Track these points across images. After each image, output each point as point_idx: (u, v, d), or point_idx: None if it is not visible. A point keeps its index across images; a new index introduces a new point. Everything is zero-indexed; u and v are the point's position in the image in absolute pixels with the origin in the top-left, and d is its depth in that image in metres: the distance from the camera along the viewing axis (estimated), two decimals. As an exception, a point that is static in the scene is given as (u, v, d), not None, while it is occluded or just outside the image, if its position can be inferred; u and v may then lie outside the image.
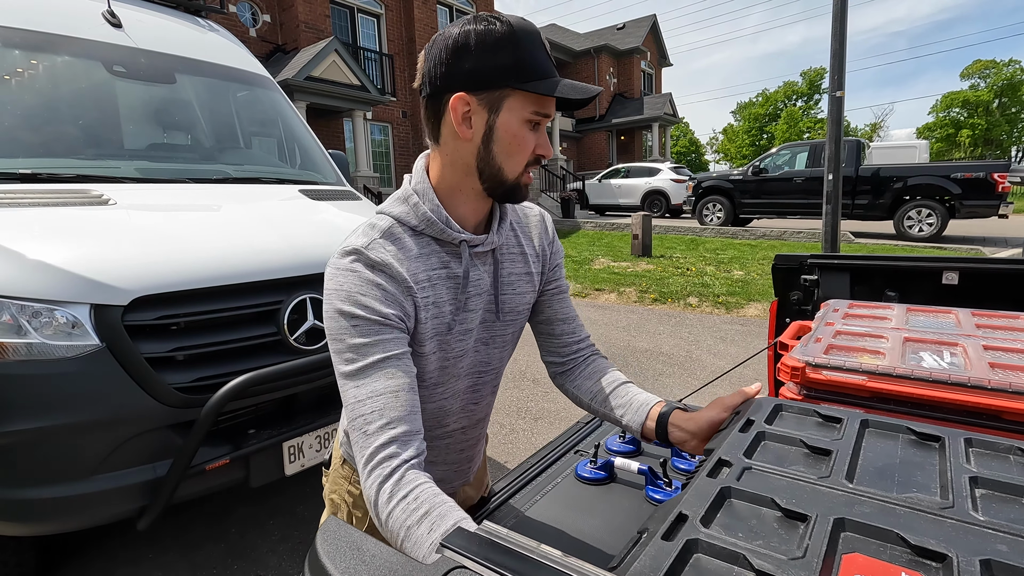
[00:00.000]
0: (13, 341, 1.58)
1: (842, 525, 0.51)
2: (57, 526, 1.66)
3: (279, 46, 13.50)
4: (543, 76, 0.79)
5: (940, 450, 0.64)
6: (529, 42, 0.78)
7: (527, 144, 0.82)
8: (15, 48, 2.37)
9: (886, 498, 0.54)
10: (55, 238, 1.75)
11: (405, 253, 0.83)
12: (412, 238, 0.84)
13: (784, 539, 0.49)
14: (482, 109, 0.79)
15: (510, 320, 0.97)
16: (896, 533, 0.49)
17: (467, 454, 1.10)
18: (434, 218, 0.84)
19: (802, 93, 49.02)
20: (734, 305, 6.48)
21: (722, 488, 0.55)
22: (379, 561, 0.35)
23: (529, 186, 0.87)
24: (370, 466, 0.73)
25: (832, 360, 0.94)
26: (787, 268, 1.88)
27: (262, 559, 2.24)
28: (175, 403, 1.71)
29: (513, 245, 0.97)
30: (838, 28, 6.50)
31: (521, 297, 0.98)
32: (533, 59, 0.78)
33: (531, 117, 0.80)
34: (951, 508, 0.53)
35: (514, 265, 0.97)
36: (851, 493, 0.56)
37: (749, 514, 0.53)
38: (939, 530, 0.49)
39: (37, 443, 1.57)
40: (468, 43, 0.76)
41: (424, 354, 0.86)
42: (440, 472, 1.07)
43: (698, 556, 0.47)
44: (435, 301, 0.84)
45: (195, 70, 2.95)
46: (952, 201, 9.44)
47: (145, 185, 2.30)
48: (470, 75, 0.77)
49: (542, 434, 3.41)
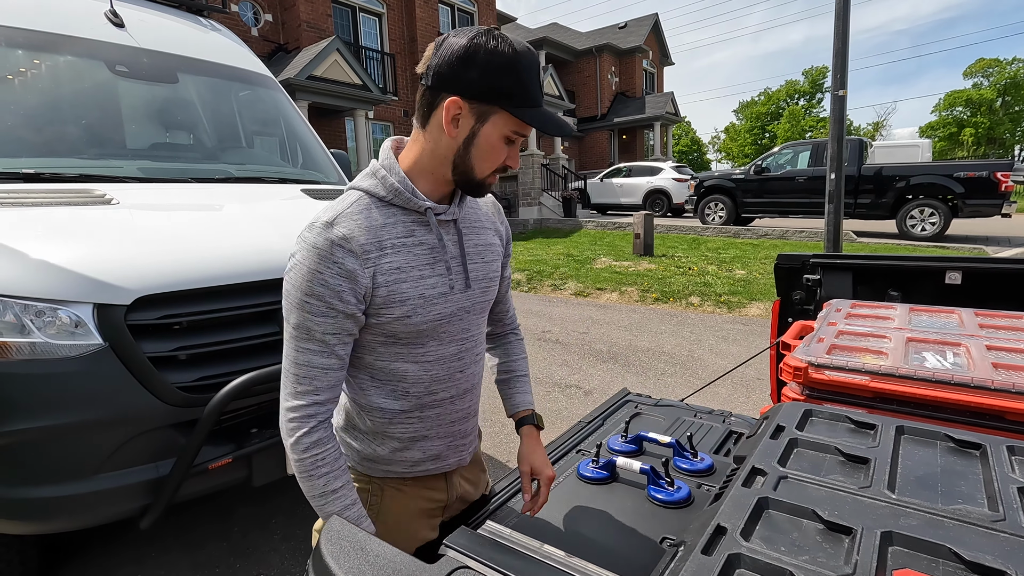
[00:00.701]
0: (17, 340, 1.58)
1: (890, 539, 0.49)
2: (61, 525, 1.67)
3: (281, 45, 13.50)
4: (531, 105, 0.89)
5: (982, 458, 0.62)
6: (528, 72, 0.88)
7: (500, 155, 0.93)
8: (18, 48, 2.38)
9: (932, 510, 0.52)
10: (58, 238, 1.76)
11: (371, 222, 0.92)
12: (379, 209, 0.94)
13: (830, 554, 0.47)
14: (471, 116, 0.89)
15: (483, 288, 1.06)
16: (948, 548, 0.47)
17: (459, 427, 1.13)
18: (400, 188, 0.94)
19: (804, 92, 48.88)
20: (736, 305, 6.47)
21: (759, 499, 0.54)
22: (383, 561, 0.35)
23: (491, 186, 0.98)
24: (292, 415, 0.92)
25: (835, 360, 0.94)
26: (789, 268, 1.88)
27: (264, 558, 2.25)
28: (178, 402, 1.71)
29: (475, 220, 1.08)
30: (840, 27, 6.48)
31: (490, 266, 1.08)
32: (527, 88, 0.88)
33: (510, 135, 0.92)
34: (1003, 521, 0.50)
35: (480, 237, 1.07)
36: (895, 504, 0.54)
37: (790, 526, 0.51)
38: (993, 545, 0.47)
39: (41, 442, 1.58)
40: (476, 56, 0.85)
41: (398, 316, 0.94)
42: (436, 447, 1.10)
43: (741, 572, 0.45)
44: (400, 266, 0.93)
45: (197, 70, 2.95)
46: (955, 200, 9.42)
47: (148, 185, 2.30)
48: (470, 85, 0.86)
49: (544, 434, 3.41)
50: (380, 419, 1.04)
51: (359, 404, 1.05)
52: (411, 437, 1.06)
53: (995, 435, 0.67)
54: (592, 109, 24.62)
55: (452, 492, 1.18)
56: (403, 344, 0.99)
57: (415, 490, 1.12)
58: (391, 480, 1.10)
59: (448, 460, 1.13)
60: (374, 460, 1.09)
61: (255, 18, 13.34)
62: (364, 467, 1.10)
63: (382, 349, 0.99)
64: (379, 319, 0.94)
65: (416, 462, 1.09)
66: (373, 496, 1.10)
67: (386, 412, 1.03)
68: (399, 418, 1.04)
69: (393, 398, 1.02)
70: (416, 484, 1.12)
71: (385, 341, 0.98)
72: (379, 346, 0.99)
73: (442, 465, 1.13)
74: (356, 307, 0.91)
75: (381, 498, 1.11)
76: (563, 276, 8.35)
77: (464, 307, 1.03)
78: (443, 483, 1.16)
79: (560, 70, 22.24)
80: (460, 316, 1.03)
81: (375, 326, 0.96)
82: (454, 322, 1.02)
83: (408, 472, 1.10)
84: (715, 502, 0.55)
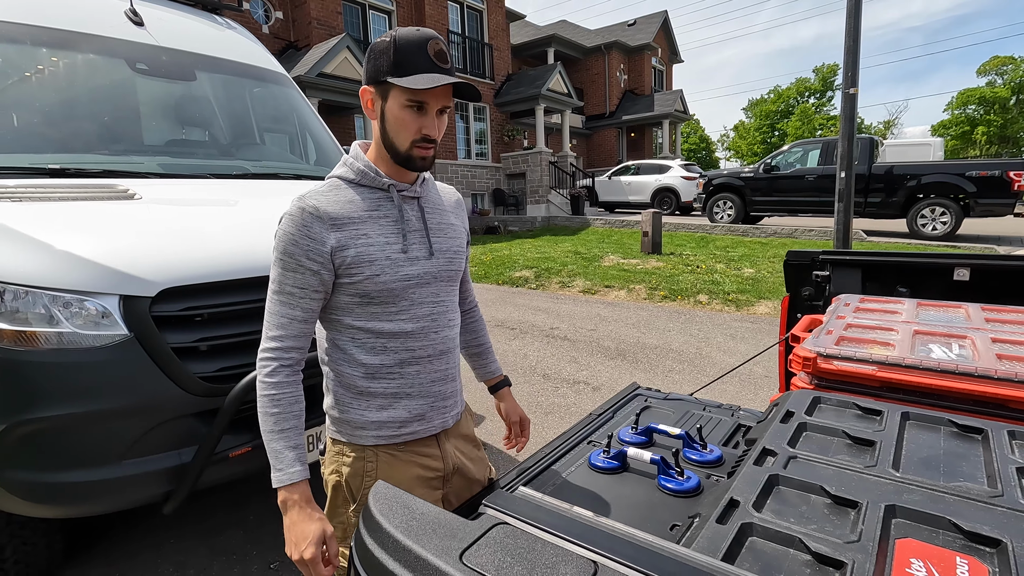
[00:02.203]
0: (45, 330, 1.64)
1: (893, 512, 0.52)
2: (88, 509, 1.72)
3: (291, 43, 13.58)
4: (415, 72, 1.03)
5: (983, 442, 0.65)
6: (406, 47, 1.04)
7: (411, 124, 1.07)
8: (42, 46, 2.44)
9: (934, 486, 0.55)
10: (84, 231, 1.81)
11: (339, 198, 1.10)
12: (348, 188, 1.12)
13: (837, 525, 0.50)
14: (377, 98, 1.09)
15: (447, 259, 1.20)
16: (948, 519, 0.50)
17: (439, 388, 1.22)
18: (366, 170, 1.12)
19: (815, 90, 48.50)
20: (744, 303, 6.47)
21: (770, 476, 0.57)
22: (428, 519, 0.39)
23: (427, 159, 1.11)
24: (262, 355, 1.09)
25: (843, 351, 0.97)
26: (799, 264, 1.90)
27: (279, 547, 2.30)
28: (199, 392, 1.76)
29: (438, 203, 1.25)
30: (852, 25, 6.45)
31: (453, 241, 1.23)
32: (407, 60, 1.03)
33: (407, 103, 1.05)
34: (1001, 497, 0.53)
35: (443, 216, 1.23)
36: (899, 482, 0.57)
37: (799, 501, 0.55)
38: (990, 517, 0.50)
39: (68, 429, 1.63)
40: (371, 50, 1.07)
41: (368, 275, 1.08)
42: (419, 406, 1.19)
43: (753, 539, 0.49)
44: (366, 233, 1.09)
45: (215, 67, 3.00)
46: (967, 199, 9.34)
47: (168, 180, 2.36)
48: (369, 73, 1.08)
49: (553, 427, 3.44)
50: (363, 376, 1.15)
51: (343, 364, 1.16)
52: (393, 393, 1.16)
53: (997, 421, 0.70)
54: (600, 107, 24.57)
55: (448, 461, 1.26)
56: (377, 304, 1.12)
57: (409, 456, 1.20)
58: (383, 447, 1.18)
59: (433, 422, 1.22)
60: (363, 427, 1.17)
61: (266, 15, 13.43)
62: (356, 437, 1.18)
63: (359, 310, 1.12)
64: (352, 279, 1.09)
65: (403, 422, 1.18)
66: (368, 463, 1.18)
67: (368, 367, 1.14)
68: (380, 372, 1.15)
69: (373, 353, 1.14)
70: (408, 451, 1.20)
71: (361, 302, 1.12)
72: (356, 307, 1.12)
73: (428, 427, 1.21)
74: (321, 266, 1.07)
75: (376, 464, 1.18)
76: (571, 274, 8.37)
77: (431, 272, 1.16)
78: (436, 450, 1.24)
79: (568, 68, 22.21)
80: (428, 281, 1.16)
81: (349, 286, 1.10)
82: (422, 285, 1.16)
83: (397, 435, 1.18)
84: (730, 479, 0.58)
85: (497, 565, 0.36)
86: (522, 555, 0.37)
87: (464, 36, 17.30)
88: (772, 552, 0.48)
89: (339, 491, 1.21)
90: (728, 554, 0.46)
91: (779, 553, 0.47)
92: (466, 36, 17.36)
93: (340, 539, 1.23)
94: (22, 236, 1.71)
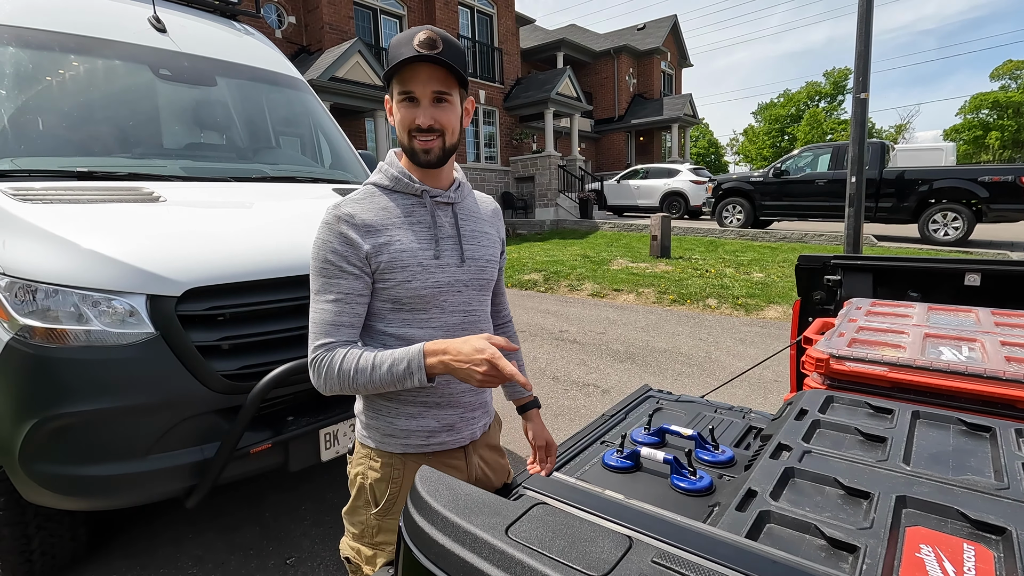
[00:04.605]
0: (74, 328, 1.69)
1: (904, 502, 0.55)
2: (114, 502, 1.77)
3: (303, 47, 13.72)
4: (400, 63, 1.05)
5: (991, 439, 0.68)
6: (396, 44, 1.07)
7: (404, 117, 1.10)
8: (70, 52, 2.51)
9: (943, 479, 0.58)
10: (113, 233, 1.86)
11: (373, 205, 1.13)
12: (383, 195, 1.15)
13: (850, 513, 0.54)
14: (389, 100, 1.13)
15: (478, 267, 1.20)
16: (956, 509, 0.53)
17: (469, 399, 1.22)
18: (400, 176, 1.14)
19: (825, 94, 48.23)
20: (754, 307, 6.46)
21: (786, 468, 0.61)
22: (472, 499, 0.42)
23: (430, 151, 1.11)
24: (313, 358, 1.09)
25: (855, 352, 1.00)
26: (810, 268, 1.92)
27: (295, 542, 2.34)
28: (222, 389, 1.81)
29: (475, 211, 1.25)
30: (863, 29, 6.45)
31: (486, 249, 1.23)
32: (396, 55, 1.05)
33: (399, 96, 1.09)
34: (1007, 489, 0.56)
35: (477, 224, 1.23)
36: (909, 475, 0.60)
37: (813, 491, 0.58)
38: (997, 508, 0.53)
39: (96, 423, 1.68)
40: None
41: (399, 280, 1.10)
42: (449, 417, 1.20)
43: (771, 526, 0.52)
44: (400, 239, 1.11)
45: (234, 73, 3.07)
46: (979, 205, 9.28)
47: (190, 183, 2.41)
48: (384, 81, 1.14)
49: (563, 429, 3.47)
50: None
51: None
52: (423, 402, 1.17)
53: (1005, 420, 0.73)
54: (609, 110, 24.60)
55: (472, 473, 1.27)
56: (409, 311, 1.13)
57: (436, 464, 1.20)
58: (412, 455, 1.19)
59: (462, 433, 1.23)
60: (392, 435, 1.18)
61: (279, 20, 13.58)
62: (384, 443, 1.19)
63: (391, 316, 1.13)
64: (386, 284, 1.10)
65: (431, 432, 1.18)
66: (395, 470, 1.19)
67: None
68: None
69: None
70: (435, 460, 1.21)
71: (393, 308, 1.13)
72: (388, 313, 1.13)
73: (457, 438, 1.22)
74: (360, 270, 1.09)
75: (404, 471, 1.20)
76: (580, 277, 8.39)
77: (461, 280, 1.17)
78: (462, 461, 1.25)
79: (578, 72, 22.25)
80: (459, 288, 1.17)
81: (382, 291, 1.11)
82: (453, 293, 1.16)
83: (425, 444, 1.19)
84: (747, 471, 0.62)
85: (540, 539, 0.39)
86: (562, 531, 0.40)
87: (474, 40, 17.41)
88: (789, 537, 0.51)
89: (362, 493, 1.23)
90: (748, 537, 0.49)
91: (795, 538, 0.51)
92: (476, 40, 17.46)
93: (357, 537, 1.25)
94: (53, 237, 1.77)
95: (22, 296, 1.68)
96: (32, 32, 2.44)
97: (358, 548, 1.25)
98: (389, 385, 1.06)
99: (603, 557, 0.38)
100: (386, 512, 1.20)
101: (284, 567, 2.19)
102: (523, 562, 0.36)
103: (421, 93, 1.08)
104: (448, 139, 1.13)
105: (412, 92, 1.08)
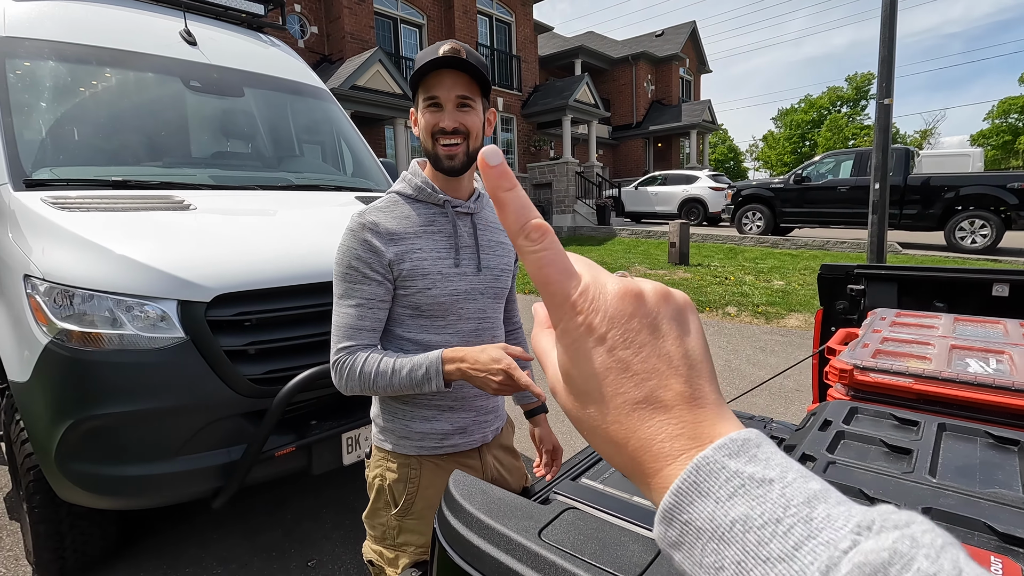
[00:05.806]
0: (108, 332, 1.75)
1: (929, 514, 0.54)
2: (144, 501, 1.82)
3: (325, 56, 13.97)
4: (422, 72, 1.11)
5: (1020, 453, 0.68)
6: (422, 57, 1.11)
7: (428, 121, 1.14)
8: (105, 66, 2.60)
9: (970, 492, 0.58)
10: (146, 240, 1.93)
11: (396, 214, 1.16)
12: (406, 204, 1.18)
13: None
14: (415, 111, 1.18)
15: (494, 276, 1.24)
16: (983, 522, 0.52)
17: (482, 403, 1.26)
18: (423, 186, 1.18)
19: (848, 99, 47.56)
20: (774, 315, 6.39)
21: None
22: (505, 503, 0.44)
23: (453, 157, 1.15)
24: (333, 360, 1.14)
25: (880, 363, 0.99)
26: (833, 278, 1.91)
27: (317, 544, 2.38)
28: (249, 393, 1.85)
29: (493, 221, 1.29)
30: (887, 34, 6.37)
31: (501, 259, 1.26)
32: (421, 66, 1.10)
33: (424, 104, 1.14)
34: None
35: (494, 234, 1.27)
36: (935, 487, 0.59)
37: None
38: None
39: (129, 425, 1.73)
40: None
41: (420, 288, 1.14)
42: (462, 420, 1.23)
43: None
44: (421, 247, 1.14)
45: (261, 84, 3.15)
46: (1008, 212, 9.06)
47: (219, 192, 2.48)
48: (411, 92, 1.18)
49: (572, 435, 3.46)
50: None
51: None
52: (437, 406, 1.20)
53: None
54: (627, 117, 24.56)
55: (487, 472, 1.30)
56: (427, 317, 1.17)
57: (450, 465, 1.24)
58: (427, 457, 1.23)
59: (474, 435, 1.27)
60: (407, 437, 1.21)
61: (301, 31, 13.85)
62: (400, 445, 1.23)
63: (410, 322, 1.17)
64: (407, 290, 1.14)
65: (445, 434, 1.22)
66: (412, 471, 1.22)
67: None
68: None
69: None
70: (450, 461, 1.25)
71: (412, 314, 1.17)
72: (407, 319, 1.17)
73: (470, 440, 1.26)
74: (383, 277, 1.12)
75: (420, 472, 1.23)
76: (598, 284, 8.36)
77: (478, 288, 1.21)
78: (477, 461, 1.29)
79: (596, 78, 22.29)
80: (475, 296, 1.20)
81: (403, 297, 1.15)
82: (470, 301, 1.19)
83: (439, 446, 1.22)
84: None
85: (572, 542, 0.40)
86: (593, 534, 0.41)
87: (493, 48, 17.56)
88: None
89: (381, 495, 1.26)
90: None
91: None
92: (495, 48, 17.61)
93: (378, 539, 1.28)
94: (90, 244, 1.84)
95: (60, 301, 1.75)
96: (70, 47, 2.54)
97: (380, 551, 1.27)
98: (408, 389, 1.10)
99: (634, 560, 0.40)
100: (405, 512, 1.22)
101: (306, 569, 2.23)
102: (557, 564, 0.38)
103: (445, 98, 1.12)
104: (472, 143, 1.16)
105: (437, 97, 1.12)
